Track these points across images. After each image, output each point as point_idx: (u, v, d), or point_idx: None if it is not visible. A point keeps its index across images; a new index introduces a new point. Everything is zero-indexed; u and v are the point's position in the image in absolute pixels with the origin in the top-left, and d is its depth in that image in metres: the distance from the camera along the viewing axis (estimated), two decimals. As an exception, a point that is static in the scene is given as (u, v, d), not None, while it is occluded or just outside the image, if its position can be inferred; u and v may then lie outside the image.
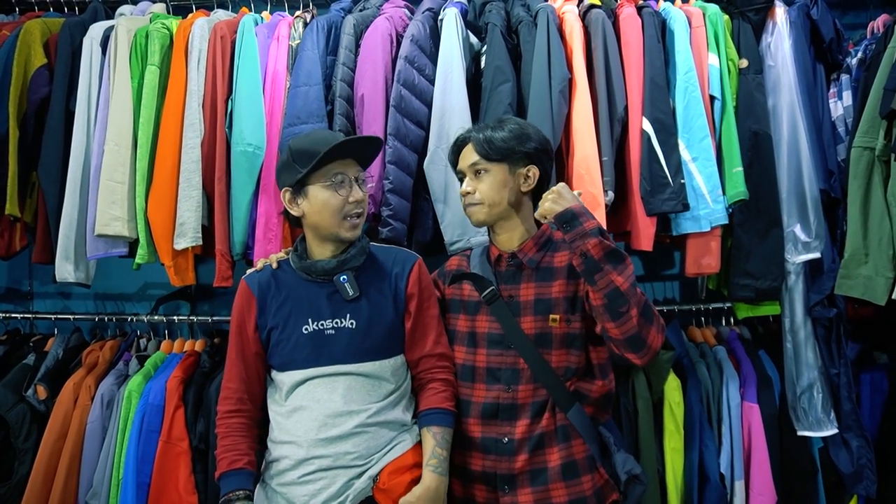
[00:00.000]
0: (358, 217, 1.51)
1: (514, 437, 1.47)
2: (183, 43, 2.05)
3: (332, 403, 1.46)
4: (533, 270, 1.54)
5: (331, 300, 1.51)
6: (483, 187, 1.54)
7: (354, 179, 1.51)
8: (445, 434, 1.49)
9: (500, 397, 1.50)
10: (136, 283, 2.68)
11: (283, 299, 1.52)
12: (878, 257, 1.81)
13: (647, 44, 1.97)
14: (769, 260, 1.94)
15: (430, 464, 1.45)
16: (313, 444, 1.44)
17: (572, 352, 1.50)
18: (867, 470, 1.93)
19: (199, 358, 2.16)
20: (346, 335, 1.49)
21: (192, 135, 2.00)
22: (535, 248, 1.56)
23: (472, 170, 1.56)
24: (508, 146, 1.52)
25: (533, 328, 1.50)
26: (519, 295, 1.54)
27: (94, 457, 2.01)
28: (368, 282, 1.53)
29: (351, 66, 2.01)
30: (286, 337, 1.50)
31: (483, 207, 1.55)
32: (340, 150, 1.47)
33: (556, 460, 1.46)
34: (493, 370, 1.52)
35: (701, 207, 1.91)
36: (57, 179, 2.03)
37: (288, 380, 1.50)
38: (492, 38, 2.01)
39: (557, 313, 1.49)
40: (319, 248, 1.54)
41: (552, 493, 1.45)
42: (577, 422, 1.47)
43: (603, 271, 1.34)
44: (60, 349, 2.24)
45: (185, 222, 1.98)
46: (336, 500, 1.42)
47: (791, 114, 1.97)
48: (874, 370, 2.08)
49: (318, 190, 1.48)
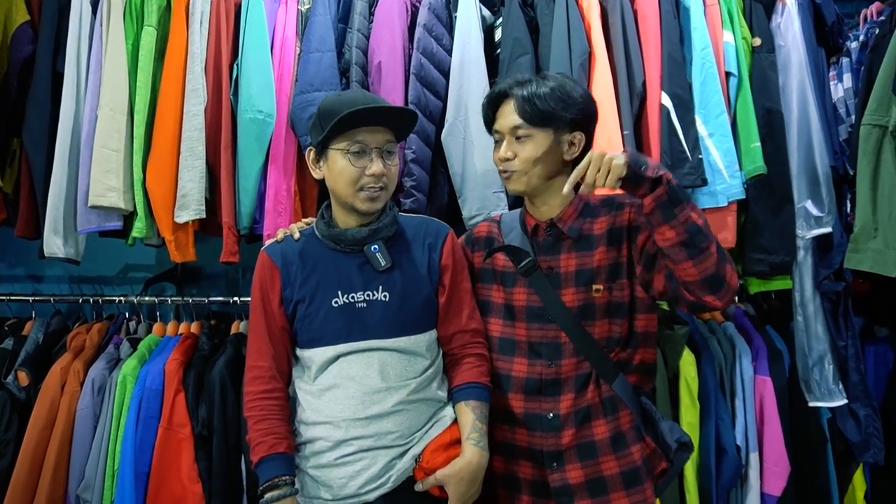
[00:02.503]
0: (378, 191, 1.38)
1: (560, 412, 1.40)
2: (183, 3, 1.93)
3: (369, 380, 1.36)
4: (573, 240, 1.44)
5: (361, 271, 1.40)
6: (524, 154, 1.41)
7: (379, 150, 1.38)
8: (483, 408, 1.42)
9: (543, 373, 1.42)
10: (115, 266, 2.52)
11: (310, 271, 1.41)
12: (888, 231, 1.87)
13: (663, 19, 1.97)
14: (782, 235, 1.97)
15: (472, 437, 1.39)
16: (352, 424, 1.34)
17: (615, 321, 1.42)
18: (875, 438, 1.99)
19: (197, 340, 2.04)
20: (379, 308, 1.39)
21: (195, 101, 1.88)
22: (574, 215, 1.45)
23: (513, 134, 1.42)
24: (553, 110, 1.39)
25: (575, 300, 1.42)
26: (559, 266, 1.44)
27: (85, 446, 1.88)
28: (400, 252, 1.44)
29: (365, 33, 1.94)
30: (314, 311, 1.39)
31: (522, 177, 1.43)
32: (361, 117, 1.35)
33: (605, 432, 1.40)
34: (533, 344, 1.44)
35: (718, 182, 1.93)
36: (44, 147, 1.88)
37: (317, 357, 1.39)
38: (509, 10, 1.98)
39: (600, 282, 1.41)
40: (343, 217, 1.44)
41: (602, 467, 1.38)
42: (621, 392, 1.41)
43: (682, 204, 1.23)
44: (41, 333, 2.08)
45: (188, 194, 1.86)
46: (378, 481, 1.33)
47: (801, 92, 2.02)
48: (878, 343, 2.16)
49: (337, 155, 1.37)
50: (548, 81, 1.42)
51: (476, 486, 1.36)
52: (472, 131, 1.89)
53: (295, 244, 1.45)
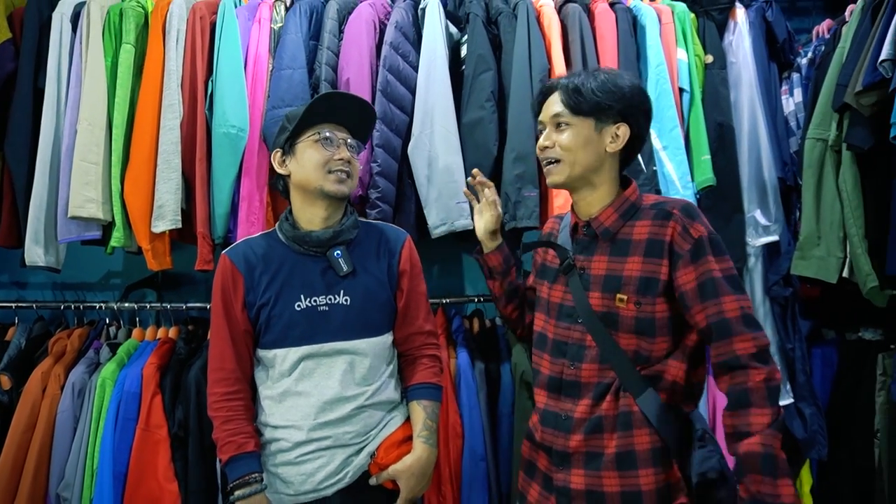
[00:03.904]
0: (344, 175, 1.46)
1: (573, 415, 1.34)
2: (160, 22, 2.01)
3: (329, 390, 1.43)
4: (608, 242, 1.36)
5: (324, 276, 1.46)
6: (563, 141, 1.36)
7: (345, 142, 1.48)
8: (434, 407, 1.52)
9: (564, 373, 1.37)
10: (96, 273, 2.59)
11: (273, 274, 1.46)
12: (830, 239, 1.97)
13: (620, 37, 2.08)
14: (732, 243, 2.08)
15: (422, 435, 1.48)
16: (312, 427, 1.43)
17: (644, 338, 1.30)
18: (819, 436, 2.10)
19: (174, 345, 2.12)
20: (340, 312, 1.45)
21: (171, 116, 1.96)
22: (614, 215, 1.37)
23: (554, 122, 1.37)
24: (598, 99, 1.33)
25: (600, 305, 1.33)
26: (591, 268, 1.37)
27: (65, 447, 1.94)
28: (360, 257, 1.50)
29: (335, 51, 2.03)
30: (277, 314, 1.44)
31: (561, 167, 1.36)
32: (327, 102, 1.45)
33: (612, 447, 1.30)
34: (559, 343, 1.39)
35: (671, 193, 2.02)
36: (25, 159, 1.96)
37: (281, 358, 1.45)
38: (473, 28, 2.07)
39: (626, 293, 1.30)
40: (308, 212, 1.48)
41: (604, 481, 1.30)
42: (647, 409, 1.28)
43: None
44: (23, 338, 2.15)
45: (164, 204, 1.94)
46: (336, 477, 1.42)
47: (751, 107, 2.12)
48: (824, 345, 2.27)
49: (305, 146, 1.46)
50: (599, 74, 1.38)
51: (425, 479, 1.46)
52: (438, 145, 1.98)
53: (258, 247, 1.49)
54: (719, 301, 1.24)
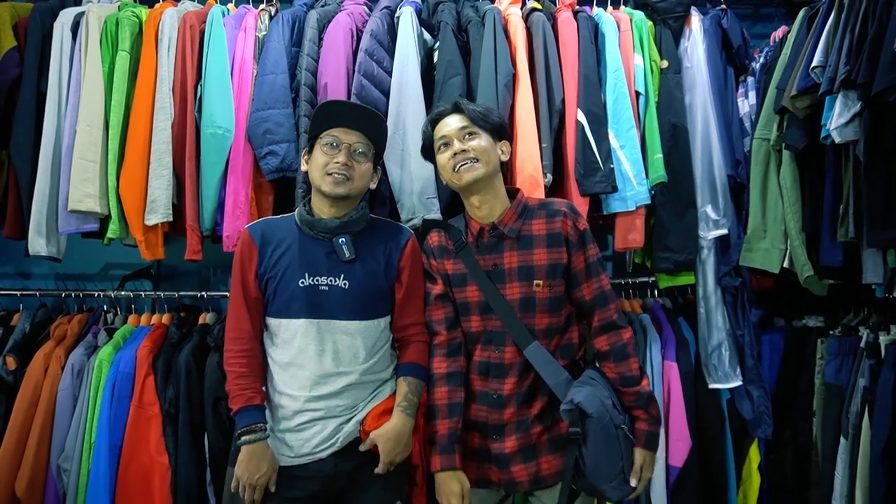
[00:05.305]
0: (342, 177, 1.62)
1: (503, 392, 1.63)
2: (153, 30, 2.16)
3: (323, 365, 1.62)
4: (514, 240, 1.64)
5: (328, 259, 1.64)
6: (476, 145, 1.63)
7: (349, 146, 1.64)
8: (418, 385, 1.70)
9: (491, 357, 1.65)
10: (96, 264, 2.76)
11: (283, 251, 1.65)
12: (774, 233, 2.12)
13: (581, 44, 2.21)
14: (686, 236, 2.21)
15: (401, 405, 1.66)
16: (307, 399, 1.62)
17: (553, 314, 1.63)
18: (765, 416, 2.24)
19: (167, 330, 2.28)
20: (337, 293, 1.63)
21: (163, 117, 2.12)
22: (514, 217, 1.66)
23: (463, 133, 1.65)
24: (490, 117, 1.68)
25: (518, 293, 1.62)
26: (503, 263, 1.64)
27: (65, 423, 2.10)
28: (365, 248, 1.68)
29: (315, 57, 2.18)
30: (283, 287, 1.63)
31: (480, 164, 1.61)
32: (332, 112, 1.65)
33: (539, 407, 1.63)
34: (486, 334, 1.67)
35: (627, 189, 2.17)
36: (29, 157, 2.12)
37: (284, 327, 1.63)
38: (444, 36, 2.21)
39: (540, 279, 1.61)
40: (319, 205, 1.68)
41: (533, 438, 1.62)
42: (533, 358, 1.60)
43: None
44: (27, 323, 2.31)
45: (157, 199, 2.10)
46: (328, 442, 1.62)
47: (704, 109, 2.26)
48: (773, 332, 2.41)
49: (316, 148, 1.67)
50: (477, 105, 1.73)
51: (401, 445, 1.63)
52: (410, 144, 2.12)
53: (275, 226, 1.71)
54: (599, 279, 1.65)
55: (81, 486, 2.05)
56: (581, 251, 1.64)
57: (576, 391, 1.56)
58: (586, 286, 1.64)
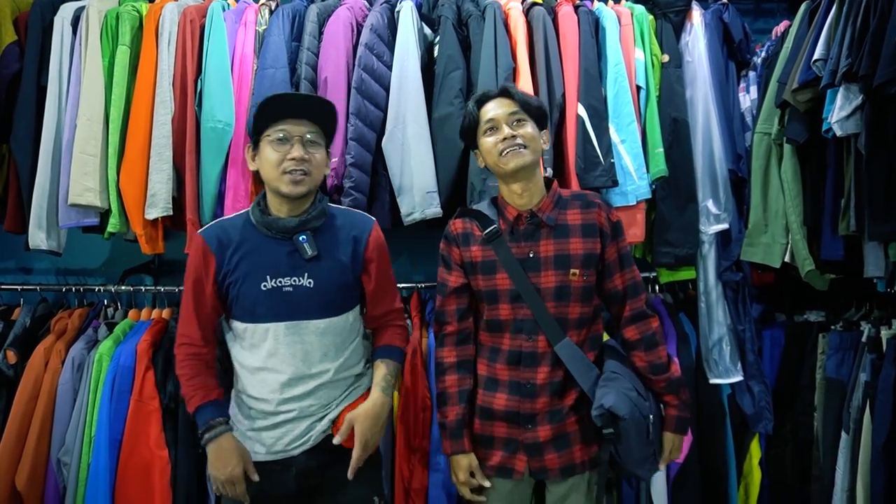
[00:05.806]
0: (301, 175, 1.53)
1: (536, 381, 1.62)
2: (153, 25, 2.17)
3: (294, 367, 1.57)
4: (551, 228, 1.63)
5: (290, 258, 1.56)
6: (525, 132, 1.60)
7: (301, 139, 1.54)
8: (395, 367, 1.69)
9: (523, 346, 1.63)
10: (96, 259, 2.76)
11: (243, 255, 1.57)
12: (775, 227, 2.11)
13: (582, 38, 2.21)
14: (686, 230, 2.21)
15: (379, 385, 1.64)
16: (280, 402, 1.58)
17: (586, 304, 1.63)
18: (766, 411, 2.24)
19: (166, 325, 2.28)
20: (303, 292, 1.56)
21: (164, 111, 2.12)
22: (551, 206, 1.64)
23: (512, 118, 1.60)
24: (541, 106, 1.67)
25: (554, 282, 1.61)
26: (539, 251, 1.63)
27: (65, 416, 2.10)
28: (327, 242, 1.60)
29: (315, 51, 2.18)
30: (245, 293, 1.56)
31: (528, 151, 1.58)
32: (278, 106, 1.54)
33: (573, 398, 1.63)
34: (517, 322, 1.64)
35: (628, 184, 2.16)
36: (29, 151, 2.13)
37: (250, 331, 1.58)
38: (444, 30, 2.22)
39: (577, 268, 1.61)
40: (276, 205, 1.59)
41: (567, 427, 1.62)
42: (563, 354, 1.59)
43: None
44: (28, 317, 2.31)
45: (157, 193, 2.10)
46: (301, 440, 1.59)
47: (705, 104, 2.25)
48: (774, 327, 2.40)
49: (264, 144, 1.55)
50: (524, 92, 1.70)
51: (378, 425, 1.60)
52: (410, 138, 2.13)
53: (231, 228, 1.62)
54: (631, 269, 1.68)
55: (81, 479, 2.04)
56: (614, 242, 1.66)
57: (603, 392, 1.55)
58: (619, 276, 1.66)
